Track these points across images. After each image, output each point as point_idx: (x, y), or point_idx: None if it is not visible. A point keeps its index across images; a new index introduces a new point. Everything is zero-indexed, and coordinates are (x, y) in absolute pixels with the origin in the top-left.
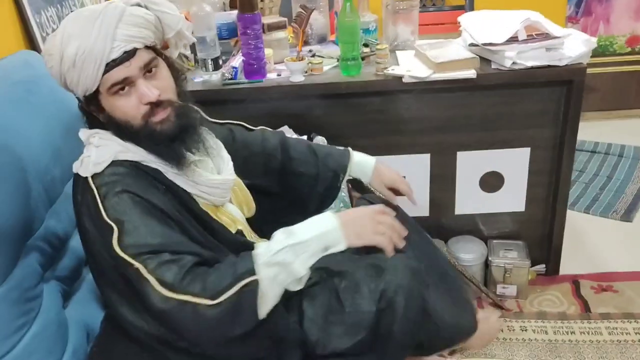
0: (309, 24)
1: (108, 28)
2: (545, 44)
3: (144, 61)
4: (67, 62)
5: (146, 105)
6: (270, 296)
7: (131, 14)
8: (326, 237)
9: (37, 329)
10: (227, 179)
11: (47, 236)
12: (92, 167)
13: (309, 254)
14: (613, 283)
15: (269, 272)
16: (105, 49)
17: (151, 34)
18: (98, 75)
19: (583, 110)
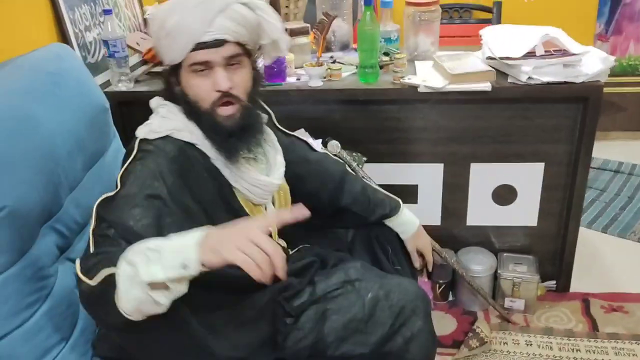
0: (332, 31)
1: (208, 14)
2: (562, 61)
3: (229, 53)
4: (165, 30)
5: (217, 92)
6: (129, 295)
7: (234, 10)
8: (182, 253)
9: (48, 307)
10: (272, 182)
11: (65, 220)
12: (147, 132)
13: (162, 265)
14: (624, 304)
15: (126, 269)
16: (199, 30)
17: (246, 33)
18: (185, 51)
19: (609, 130)
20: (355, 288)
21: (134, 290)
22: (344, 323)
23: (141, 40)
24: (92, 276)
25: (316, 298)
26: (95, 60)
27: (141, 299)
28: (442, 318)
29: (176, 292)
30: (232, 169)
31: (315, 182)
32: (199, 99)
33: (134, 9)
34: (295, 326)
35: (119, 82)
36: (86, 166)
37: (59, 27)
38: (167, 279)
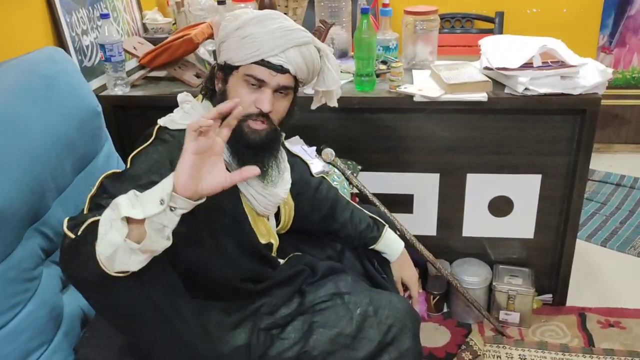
0: (331, 39)
1: (287, 42)
2: (560, 72)
3: (284, 82)
4: (241, 33)
5: (256, 109)
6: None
7: (308, 49)
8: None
9: (31, 309)
10: (278, 194)
11: (52, 223)
12: (168, 122)
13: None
14: (621, 319)
15: (108, 213)
16: (272, 50)
17: (305, 73)
18: (248, 59)
19: (612, 142)
20: (344, 302)
21: (112, 233)
22: (330, 337)
23: (138, 44)
24: (76, 231)
25: (304, 309)
26: (91, 64)
27: (117, 244)
28: (436, 330)
29: (151, 243)
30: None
31: (309, 204)
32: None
33: (132, 13)
34: (280, 336)
35: (115, 86)
36: (76, 169)
37: (56, 30)
38: (146, 216)
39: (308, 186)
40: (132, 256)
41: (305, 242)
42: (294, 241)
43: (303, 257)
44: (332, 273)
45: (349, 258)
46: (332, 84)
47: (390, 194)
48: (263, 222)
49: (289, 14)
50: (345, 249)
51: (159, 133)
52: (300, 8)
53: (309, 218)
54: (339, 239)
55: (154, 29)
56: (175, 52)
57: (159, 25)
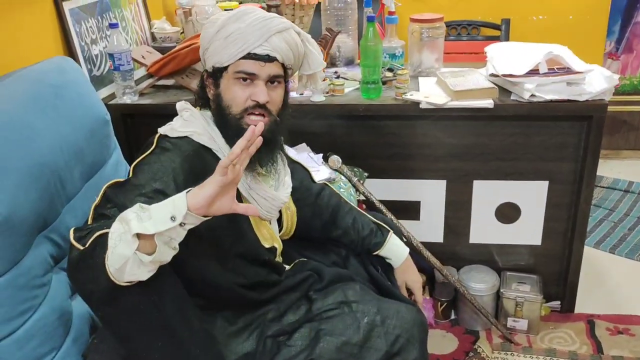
0: (337, 46)
1: (268, 31)
2: (566, 78)
3: (274, 72)
4: (223, 33)
5: (253, 101)
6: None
7: (289, 35)
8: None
9: (41, 315)
10: (280, 197)
11: (61, 230)
12: (168, 130)
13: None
14: (630, 326)
15: (118, 227)
16: (256, 42)
17: (292, 59)
18: (236, 56)
19: (620, 148)
20: (352, 310)
21: (122, 246)
22: (337, 346)
23: (147, 53)
24: (84, 243)
25: (311, 316)
26: (100, 73)
27: (127, 257)
28: (443, 337)
29: (161, 255)
30: (244, 179)
31: (311, 211)
32: (233, 104)
33: (141, 23)
34: (287, 343)
35: (123, 95)
36: (85, 177)
37: (65, 40)
38: (157, 232)
39: (309, 192)
40: (141, 267)
41: (309, 249)
42: (299, 247)
43: (309, 262)
44: (339, 280)
45: (354, 264)
46: (316, 66)
47: (397, 201)
48: (266, 226)
49: (296, 22)
50: (350, 255)
51: (159, 141)
52: (307, 16)
53: (311, 224)
54: (343, 245)
55: (162, 38)
56: (183, 60)
57: (167, 35)
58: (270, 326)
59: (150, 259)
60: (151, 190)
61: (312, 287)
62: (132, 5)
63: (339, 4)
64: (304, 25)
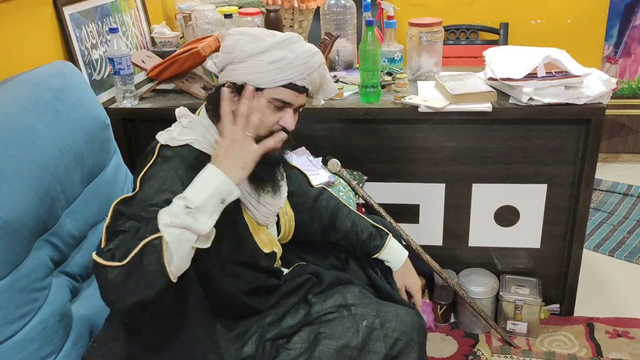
0: (336, 51)
1: (312, 67)
2: (564, 82)
3: (304, 101)
4: (268, 57)
5: (280, 126)
6: (178, 253)
7: (324, 70)
8: (219, 192)
9: (41, 318)
10: (277, 203)
11: (61, 234)
12: (169, 139)
13: (208, 213)
14: (630, 329)
15: (174, 231)
16: (300, 75)
17: (318, 90)
18: (277, 83)
19: (619, 152)
20: (351, 313)
21: (184, 246)
22: (336, 349)
23: (147, 57)
24: (120, 258)
25: (310, 319)
26: (101, 77)
27: (188, 253)
28: (443, 340)
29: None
30: (242, 185)
31: (309, 215)
32: (262, 126)
33: (141, 27)
34: (286, 346)
35: (123, 99)
36: (85, 181)
37: (66, 44)
38: (215, 221)
39: (306, 196)
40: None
41: (309, 252)
42: (298, 251)
43: (307, 266)
44: (338, 283)
45: (353, 267)
46: (330, 92)
47: (396, 204)
48: (264, 231)
49: (295, 27)
50: (349, 258)
51: (161, 151)
52: (306, 21)
53: (310, 228)
54: (342, 249)
55: (162, 43)
56: (183, 65)
57: (167, 39)
58: (270, 330)
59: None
60: (162, 201)
61: (311, 290)
62: (132, 10)
63: (338, 8)
64: (303, 29)
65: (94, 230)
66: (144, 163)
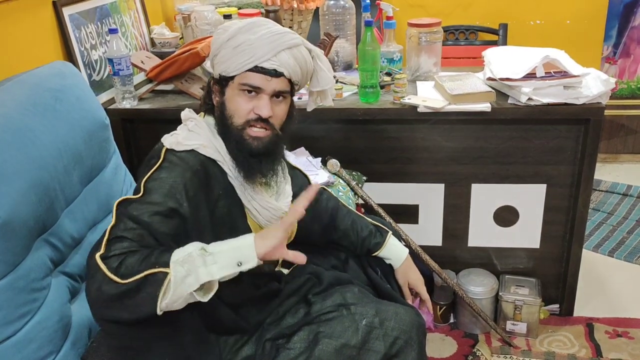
0: (336, 51)
1: (278, 46)
2: (563, 82)
3: (280, 87)
4: (232, 43)
5: (255, 115)
6: (175, 293)
7: (299, 51)
8: (239, 251)
9: (40, 318)
10: (280, 207)
11: (60, 234)
12: (174, 143)
13: (220, 265)
14: (629, 329)
15: (181, 270)
16: (264, 55)
17: (300, 75)
18: (243, 68)
19: (619, 152)
20: (350, 312)
21: (183, 287)
22: (336, 348)
23: (146, 58)
24: (124, 276)
25: (310, 319)
26: (100, 77)
27: (184, 296)
28: (442, 341)
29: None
30: (246, 189)
31: (310, 215)
32: (236, 115)
33: (140, 28)
34: (286, 346)
35: (123, 100)
36: (84, 181)
37: (65, 45)
38: (222, 277)
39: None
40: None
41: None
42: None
43: (307, 266)
44: (338, 283)
45: (353, 267)
46: (325, 83)
47: (395, 205)
48: None
49: (294, 27)
50: (349, 258)
51: (167, 156)
52: (305, 21)
53: (310, 229)
54: (342, 248)
55: (161, 43)
56: (182, 65)
57: (166, 40)
58: (269, 329)
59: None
60: (167, 209)
61: (311, 290)
62: (131, 11)
63: (337, 9)
64: (303, 30)
65: (93, 230)
66: (148, 166)
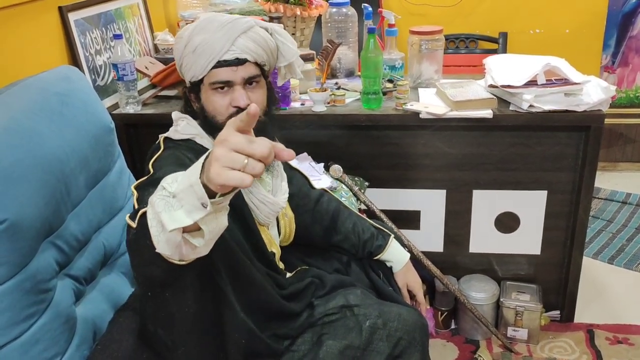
0: (338, 58)
1: (232, 34)
2: (564, 89)
3: (249, 73)
4: (190, 48)
5: (234, 108)
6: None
7: (255, 32)
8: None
9: (46, 320)
10: (278, 202)
11: (66, 236)
12: (172, 132)
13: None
14: (630, 336)
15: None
16: (222, 48)
17: (264, 55)
18: (207, 67)
19: (618, 161)
20: (354, 314)
21: (165, 235)
22: (340, 349)
23: (150, 64)
24: (134, 220)
25: (314, 321)
26: (104, 83)
27: (176, 241)
28: (444, 346)
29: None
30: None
31: (310, 217)
32: (217, 113)
33: (144, 34)
34: (290, 348)
35: (127, 105)
36: (89, 184)
37: (70, 50)
38: (194, 222)
39: (308, 199)
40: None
41: (311, 256)
42: (301, 255)
43: (310, 270)
44: (341, 286)
45: (355, 270)
46: (290, 56)
47: (397, 210)
48: (264, 231)
49: (297, 34)
50: (351, 260)
51: (166, 143)
52: (308, 28)
53: (311, 230)
54: (344, 251)
55: (165, 50)
56: None
57: (169, 46)
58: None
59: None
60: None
61: (315, 294)
62: (135, 17)
63: (339, 16)
64: (305, 37)
65: (98, 233)
66: (151, 154)
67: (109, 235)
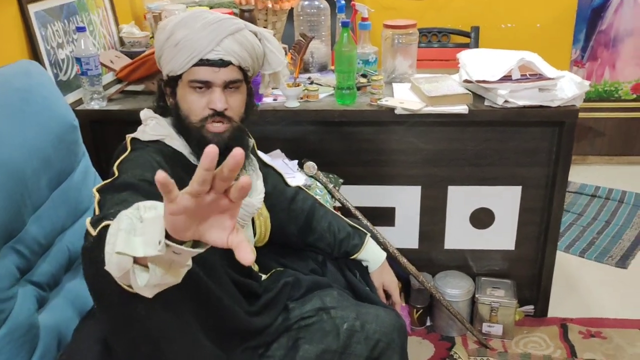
0: (311, 52)
1: (219, 34)
2: (538, 84)
3: (230, 77)
4: (172, 41)
5: (210, 110)
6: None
7: (243, 35)
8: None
9: (6, 331)
10: (253, 203)
11: (27, 241)
12: (140, 133)
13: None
14: (602, 329)
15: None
16: (207, 47)
17: (249, 60)
18: (188, 64)
19: (587, 154)
20: (330, 317)
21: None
22: (316, 354)
23: (115, 58)
24: (95, 227)
25: (289, 324)
26: (67, 77)
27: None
28: (419, 344)
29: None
30: None
31: (286, 215)
32: (191, 114)
33: (109, 27)
34: (265, 354)
35: (91, 100)
36: (52, 185)
37: (31, 43)
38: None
39: (283, 197)
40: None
41: (287, 257)
42: (276, 256)
43: (286, 272)
44: (317, 287)
45: (331, 270)
46: (277, 65)
47: (372, 207)
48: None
49: (269, 28)
50: (327, 260)
51: (133, 143)
52: (280, 22)
53: (287, 229)
54: (320, 250)
55: (130, 43)
56: (153, 65)
57: (136, 39)
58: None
59: (144, 283)
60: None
61: (290, 295)
62: (99, 9)
63: (311, 9)
64: (277, 30)
65: (62, 237)
66: (116, 155)
67: (74, 238)
